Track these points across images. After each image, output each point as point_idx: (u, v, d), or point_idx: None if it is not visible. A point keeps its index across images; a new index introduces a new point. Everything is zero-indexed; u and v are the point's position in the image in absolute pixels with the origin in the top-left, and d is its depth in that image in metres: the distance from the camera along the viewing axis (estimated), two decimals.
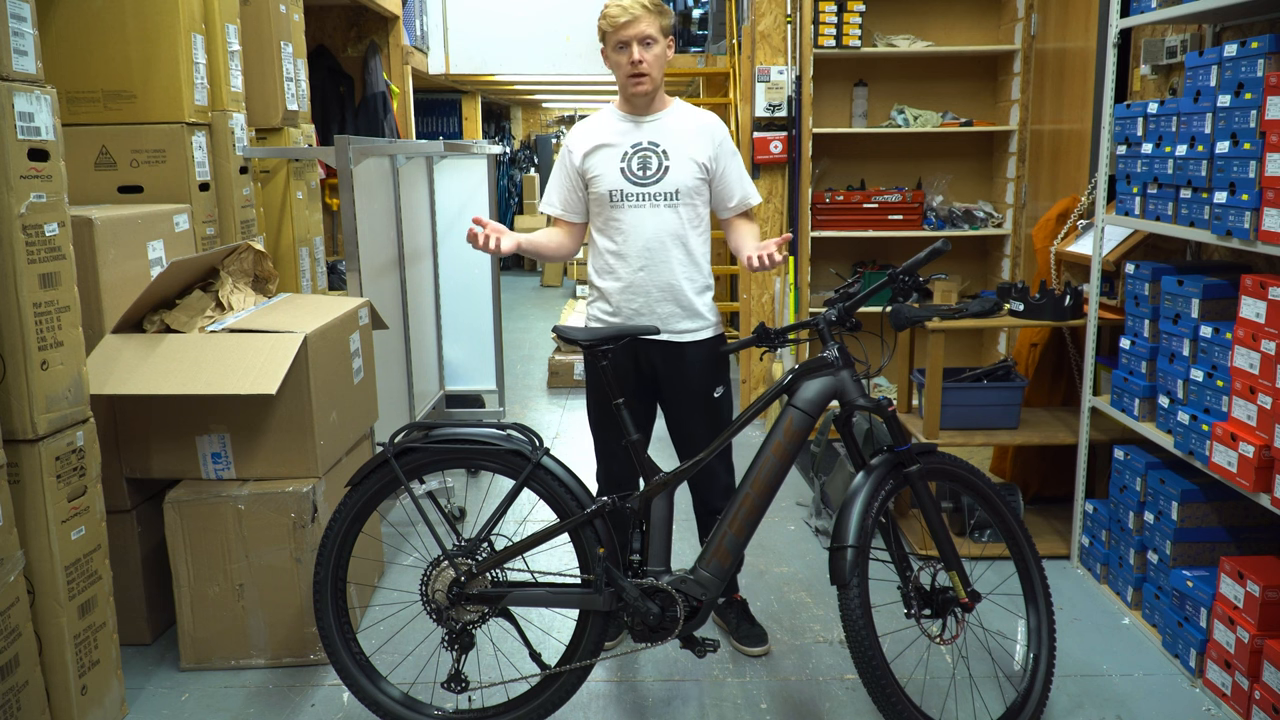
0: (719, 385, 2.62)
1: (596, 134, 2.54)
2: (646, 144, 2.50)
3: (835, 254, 4.92)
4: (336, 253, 5.40)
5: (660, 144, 2.50)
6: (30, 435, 2.08)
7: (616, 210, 2.51)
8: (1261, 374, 2.30)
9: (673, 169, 2.49)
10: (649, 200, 2.49)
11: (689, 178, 2.50)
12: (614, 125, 2.54)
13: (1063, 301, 3.19)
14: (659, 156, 2.49)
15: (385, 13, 5.85)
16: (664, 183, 2.49)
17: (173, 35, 2.93)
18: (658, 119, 2.53)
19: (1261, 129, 2.28)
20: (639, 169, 2.49)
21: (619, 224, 2.52)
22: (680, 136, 2.51)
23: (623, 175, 2.49)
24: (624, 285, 2.54)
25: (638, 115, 2.53)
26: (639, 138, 2.50)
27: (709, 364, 2.60)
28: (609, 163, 2.50)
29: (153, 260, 2.73)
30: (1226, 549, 2.66)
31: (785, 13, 4.56)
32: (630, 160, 2.49)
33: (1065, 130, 4.13)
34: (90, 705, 2.27)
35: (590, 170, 2.53)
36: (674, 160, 2.49)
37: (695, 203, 2.53)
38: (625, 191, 2.49)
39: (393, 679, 2.37)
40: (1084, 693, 2.54)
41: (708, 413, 2.60)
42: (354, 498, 2.27)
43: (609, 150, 2.51)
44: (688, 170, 2.49)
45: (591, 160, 2.52)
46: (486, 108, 11.54)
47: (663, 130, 2.51)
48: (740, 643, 2.77)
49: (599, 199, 2.53)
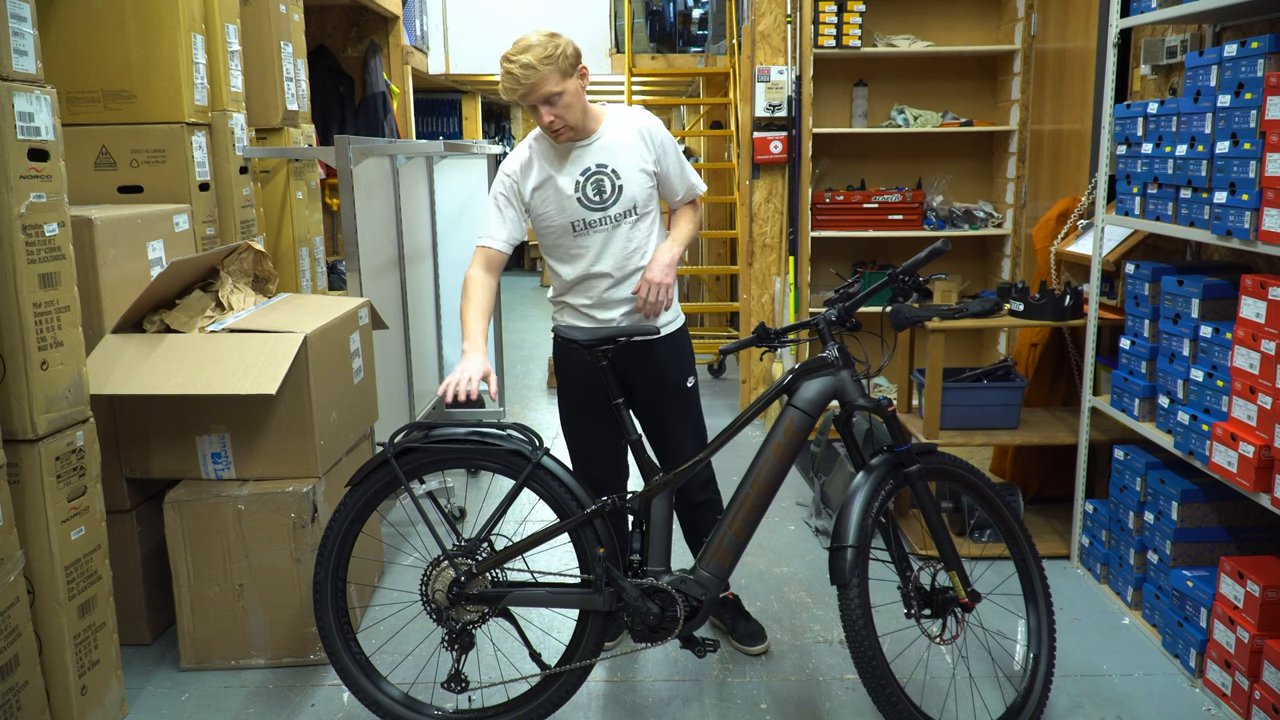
0: (689, 375, 2.62)
1: (542, 166, 2.46)
2: (595, 167, 2.44)
3: (835, 254, 4.92)
4: (336, 253, 5.40)
5: (608, 164, 2.44)
6: (30, 435, 2.08)
7: (580, 238, 2.47)
8: (1261, 374, 2.30)
9: (626, 186, 2.45)
10: (610, 222, 2.46)
11: (641, 189, 2.47)
12: (556, 154, 2.46)
13: (1063, 301, 3.19)
14: (610, 177, 2.44)
15: (385, 13, 5.85)
16: (621, 201, 2.45)
17: (173, 35, 2.93)
18: (597, 139, 2.45)
19: (1261, 129, 2.28)
20: (594, 194, 2.44)
21: (584, 249, 2.48)
22: (623, 151, 2.45)
23: (580, 205, 2.44)
24: (596, 303, 2.52)
25: (577, 141, 2.46)
26: (586, 163, 2.44)
27: (678, 356, 2.60)
28: (562, 195, 2.44)
29: (153, 260, 2.73)
30: (1226, 549, 2.66)
31: (785, 13, 4.56)
32: (584, 189, 2.44)
33: (1065, 130, 4.13)
34: (90, 705, 2.27)
35: (542, 205, 2.47)
36: (625, 177, 2.45)
37: (651, 208, 2.52)
38: (587, 220, 2.45)
39: (393, 679, 2.36)
40: (1084, 693, 2.54)
41: (683, 404, 2.61)
42: (354, 498, 2.27)
43: (559, 181, 2.44)
44: (639, 182, 2.46)
45: (542, 194, 2.46)
46: (486, 108, 11.53)
47: (606, 149, 2.45)
48: (739, 642, 2.77)
49: (558, 230, 2.48)
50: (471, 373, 2.28)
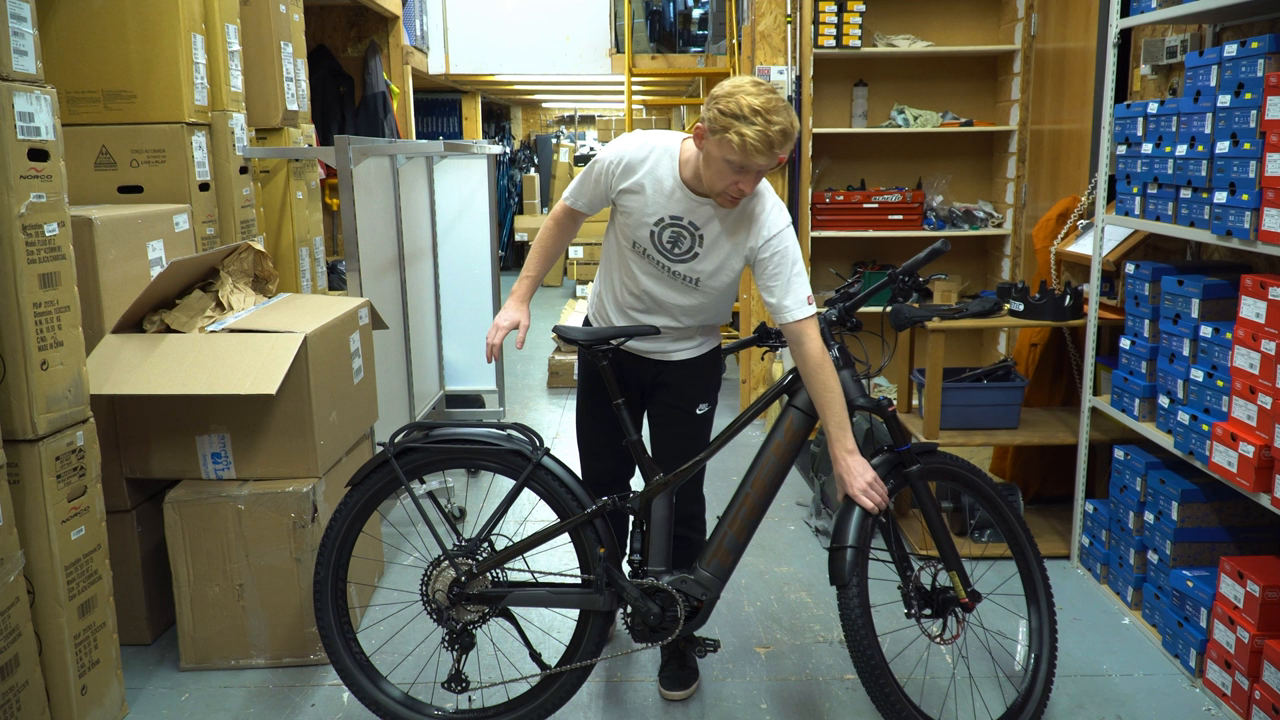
0: (702, 402, 2.45)
1: (643, 179, 2.23)
2: (688, 223, 2.21)
3: (835, 254, 4.92)
4: (336, 253, 5.40)
5: (701, 229, 2.21)
6: (30, 435, 2.08)
7: (635, 262, 2.30)
8: (1261, 374, 2.30)
9: (703, 257, 2.24)
10: (668, 274, 2.28)
11: (716, 272, 2.26)
12: (666, 183, 2.21)
13: (1063, 301, 3.19)
14: (693, 239, 2.22)
15: (385, 13, 5.85)
16: (688, 265, 2.25)
17: (173, 35, 2.92)
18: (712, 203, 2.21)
19: (1261, 129, 2.28)
20: (669, 243, 2.24)
21: (634, 270, 2.31)
22: (726, 229, 2.22)
23: (651, 239, 2.25)
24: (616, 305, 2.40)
25: (697, 193, 2.21)
26: (682, 210, 2.21)
27: (695, 381, 2.44)
28: (641, 217, 2.24)
29: (153, 260, 2.73)
30: (1226, 549, 2.66)
31: (785, 13, 4.56)
32: (663, 231, 2.23)
33: (1065, 130, 4.13)
34: (90, 705, 2.27)
35: (623, 207, 2.28)
36: (706, 249, 2.23)
37: (720, 291, 2.31)
38: (648, 251, 2.27)
39: (393, 679, 2.37)
40: (1084, 693, 2.54)
41: (686, 428, 2.45)
42: (354, 498, 2.27)
43: (648, 205, 2.23)
44: (719, 265, 2.25)
45: (626, 200, 2.26)
46: (486, 108, 11.53)
47: (712, 216, 2.21)
48: (662, 684, 2.56)
49: (623, 231, 2.30)
50: (500, 322, 2.26)
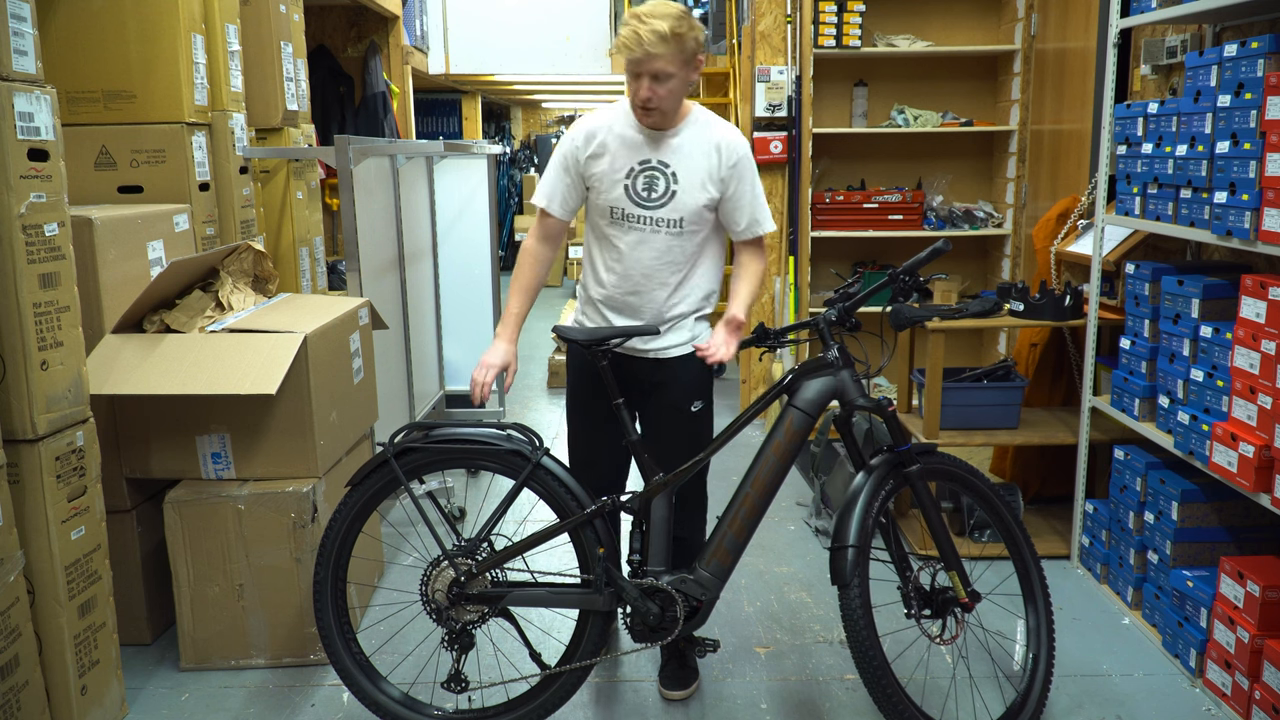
0: (697, 399, 2.46)
1: (605, 138, 2.32)
2: (656, 162, 2.29)
3: (835, 254, 4.92)
4: (336, 253, 5.40)
5: (671, 165, 2.29)
6: (30, 435, 2.08)
7: (615, 228, 2.35)
8: (1261, 374, 2.30)
9: (680, 193, 2.29)
10: (650, 225, 2.31)
11: (696, 204, 2.31)
12: (625, 133, 2.32)
13: (1063, 301, 3.19)
14: (667, 178, 2.29)
15: (385, 13, 5.85)
16: (669, 208, 2.30)
17: (173, 35, 2.93)
18: (674, 134, 2.31)
19: (1261, 129, 2.28)
20: (644, 189, 2.30)
21: (616, 243, 2.35)
22: (693, 158, 2.30)
23: (626, 193, 2.31)
24: (611, 301, 2.41)
25: (652, 128, 2.32)
26: (648, 154, 2.30)
27: (689, 378, 2.44)
28: (613, 175, 2.31)
29: (153, 260, 2.73)
30: (1226, 549, 2.66)
31: (785, 13, 4.56)
32: (635, 179, 2.30)
33: (1065, 130, 4.13)
34: (90, 705, 2.27)
35: (593, 177, 2.34)
36: (683, 184, 2.29)
37: (702, 230, 2.36)
38: (626, 211, 2.32)
39: (393, 679, 2.36)
40: (1084, 693, 2.54)
41: (684, 427, 2.46)
42: (354, 498, 2.27)
43: (615, 160, 2.31)
44: (696, 196, 2.30)
45: (596, 166, 2.33)
46: (486, 108, 11.53)
47: (676, 150, 2.30)
48: (662, 683, 2.57)
49: (599, 209, 2.37)
50: (489, 361, 2.26)
